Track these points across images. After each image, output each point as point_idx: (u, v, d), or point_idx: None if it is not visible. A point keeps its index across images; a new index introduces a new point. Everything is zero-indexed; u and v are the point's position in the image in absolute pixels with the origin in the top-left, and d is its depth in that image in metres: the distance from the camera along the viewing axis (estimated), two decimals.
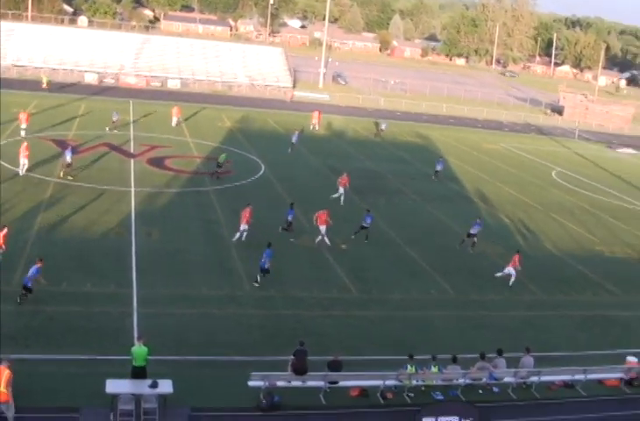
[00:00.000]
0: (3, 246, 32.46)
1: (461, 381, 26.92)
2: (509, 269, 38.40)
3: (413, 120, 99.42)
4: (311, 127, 79.08)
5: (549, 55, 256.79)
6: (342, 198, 50.26)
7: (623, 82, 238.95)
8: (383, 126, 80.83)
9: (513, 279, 38.27)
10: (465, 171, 67.18)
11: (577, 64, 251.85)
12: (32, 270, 29.59)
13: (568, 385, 28.63)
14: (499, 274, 38.69)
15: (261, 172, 56.93)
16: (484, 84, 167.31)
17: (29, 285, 29.51)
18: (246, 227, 39.78)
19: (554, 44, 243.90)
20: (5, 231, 32.71)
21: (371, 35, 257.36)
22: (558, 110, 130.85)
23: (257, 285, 34.28)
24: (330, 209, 42.78)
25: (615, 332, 34.77)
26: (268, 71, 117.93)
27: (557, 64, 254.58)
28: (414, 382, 26.36)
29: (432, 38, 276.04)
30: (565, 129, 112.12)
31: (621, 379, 29.39)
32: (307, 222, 43.55)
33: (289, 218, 42.42)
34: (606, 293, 39.76)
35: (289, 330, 30.09)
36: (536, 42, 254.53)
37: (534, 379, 27.87)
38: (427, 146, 79.65)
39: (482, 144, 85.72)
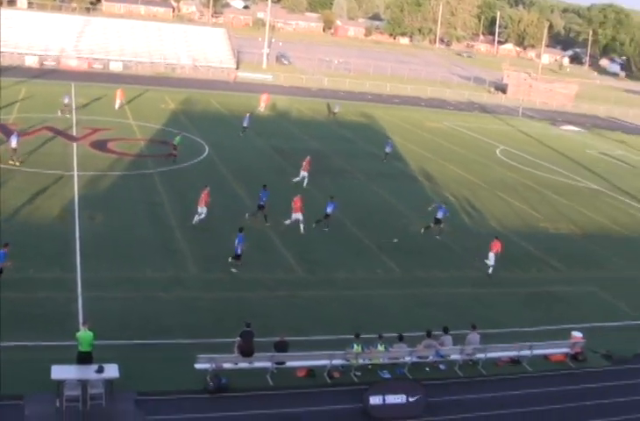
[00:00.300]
0: None
1: (408, 359, 26.96)
2: (491, 256, 38.01)
3: (357, 100, 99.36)
4: (259, 109, 78.50)
5: (492, 34, 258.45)
6: (305, 182, 50.13)
7: (566, 60, 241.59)
8: (336, 109, 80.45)
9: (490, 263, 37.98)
10: (409, 150, 67.34)
11: (520, 42, 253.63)
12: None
13: (514, 361, 28.84)
14: (489, 264, 37.95)
15: (205, 154, 56.51)
16: (428, 63, 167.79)
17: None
18: (205, 209, 39.56)
19: (497, 22, 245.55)
20: None
21: (314, 15, 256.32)
22: (502, 89, 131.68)
23: (235, 271, 34.17)
24: (290, 193, 42.51)
25: (559, 308, 35.12)
26: (211, 52, 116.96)
27: (500, 42, 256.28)
28: (361, 361, 26.35)
29: (376, 17, 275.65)
30: (509, 107, 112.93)
31: (566, 354, 29.69)
32: (252, 203, 43.29)
33: (262, 202, 41.79)
34: (550, 269, 40.14)
35: (235, 311, 29.87)
36: (480, 21, 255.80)
37: (480, 356, 28.01)
38: (371, 125, 79.69)
39: (426, 122, 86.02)
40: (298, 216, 40.30)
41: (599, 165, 73.47)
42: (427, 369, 27.33)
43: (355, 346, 26.24)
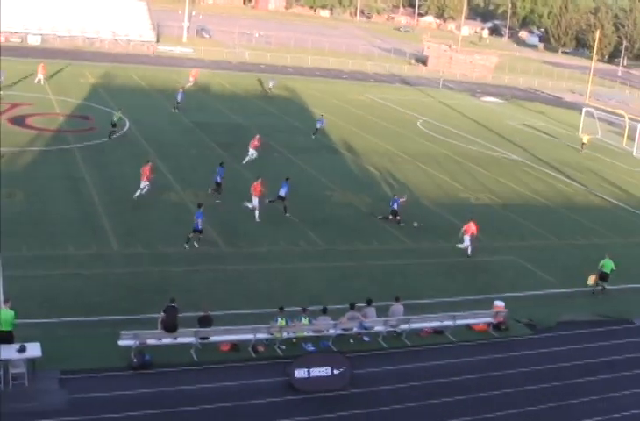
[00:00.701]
0: None
1: (332, 331, 26.97)
2: (466, 238, 38.05)
3: (279, 73, 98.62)
4: (188, 85, 77.31)
5: (412, 6, 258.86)
6: (247, 159, 49.86)
7: (486, 32, 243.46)
8: (271, 84, 79.34)
9: (470, 248, 38.06)
10: (331, 122, 67.08)
11: (440, 15, 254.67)
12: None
13: (437, 331, 29.07)
14: (460, 246, 37.94)
15: (126, 128, 55.60)
16: (349, 36, 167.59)
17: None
18: (147, 184, 39.33)
19: None
20: None
21: None
22: (423, 61, 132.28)
23: (187, 247, 34.02)
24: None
25: (482, 278, 35.54)
26: (131, 26, 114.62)
27: (420, 15, 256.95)
28: (285, 335, 26.26)
29: None
30: (430, 79, 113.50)
31: (489, 323, 30.02)
32: (173, 178, 42.91)
33: (219, 179, 41.79)
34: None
35: (158, 287, 29.56)
36: None
37: (404, 327, 28.17)
38: (293, 98, 79.30)
39: (348, 95, 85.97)
40: (255, 200, 39.15)
41: (518, 136, 74.35)
42: (351, 341, 27.38)
43: (279, 319, 26.16)
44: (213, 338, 25.49)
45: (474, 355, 27.83)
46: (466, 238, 37.93)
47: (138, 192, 39.39)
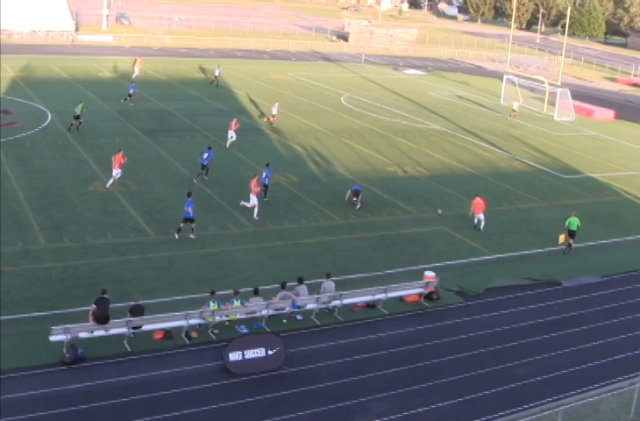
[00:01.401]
0: None
1: (264, 312, 27.05)
2: (478, 216, 39.05)
3: (200, 56, 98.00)
4: (134, 75, 76.09)
5: None
6: (229, 142, 50.92)
7: (405, 6, 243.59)
8: (217, 72, 77.66)
9: (483, 223, 39.00)
10: (254, 103, 67.03)
11: None
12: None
13: (370, 305, 29.34)
14: (480, 226, 39.12)
15: (48, 121, 54.75)
16: (269, 16, 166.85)
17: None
18: (119, 172, 39.75)
19: None
20: None
21: None
22: (344, 37, 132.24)
23: (177, 237, 34.15)
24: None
25: (411, 249, 35.88)
26: (49, 16, 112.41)
27: None
28: (217, 319, 26.27)
29: None
30: (352, 55, 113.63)
31: (420, 294, 30.38)
32: (99, 167, 42.56)
33: (205, 162, 42.86)
34: (400, 212, 40.87)
35: (88, 279, 29.36)
36: None
37: (336, 303, 28.34)
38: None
39: (271, 74, 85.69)
40: (253, 198, 38.26)
41: (442, 106, 74.90)
42: (284, 321, 27.48)
43: (211, 303, 26.13)
44: (145, 327, 25.36)
45: (407, 327, 28.17)
46: (480, 216, 39.05)
47: (110, 181, 39.87)
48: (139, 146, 48.53)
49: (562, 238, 37.11)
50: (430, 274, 30.98)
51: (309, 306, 28.01)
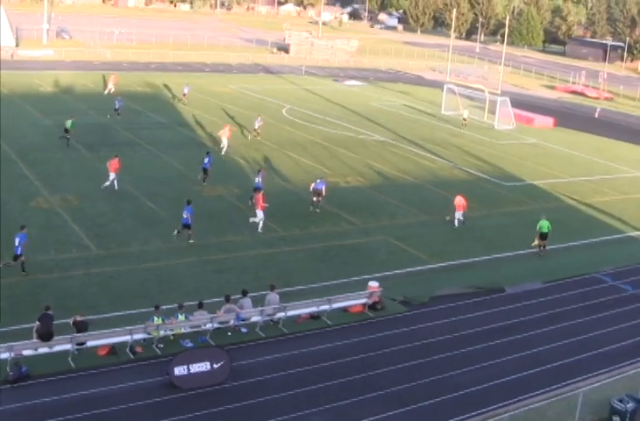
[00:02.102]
0: None
1: (209, 326, 26.98)
2: (459, 214, 41.48)
3: (141, 70, 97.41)
4: (106, 92, 75.30)
5: None
6: (224, 150, 52.97)
7: (346, 17, 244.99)
8: (186, 90, 76.18)
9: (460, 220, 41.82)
10: (197, 116, 66.84)
11: (300, 2, 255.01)
12: (18, 238, 31.20)
13: (314, 317, 29.40)
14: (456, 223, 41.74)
15: None
16: (210, 28, 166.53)
17: (19, 253, 31.11)
18: (115, 175, 42.63)
19: None
20: None
21: None
22: (285, 49, 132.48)
23: (174, 236, 35.48)
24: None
25: (355, 260, 36.00)
26: None
27: (280, 3, 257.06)
28: (162, 333, 26.15)
29: None
30: (293, 66, 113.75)
31: (364, 304, 30.51)
32: (40, 182, 42.26)
33: (207, 166, 45.27)
34: (343, 222, 41.02)
35: (31, 296, 29.04)
36: None
37: (280, 315, 28.36)
38: (157, 94, 78.33)
39: (212, 87, 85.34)
40: (260, 213, 38.69)
41: (383, 117, 75.35)
42: (229, 334, 27.42)
43: (155, 318, 26.01)
44: (90, 343, 25.15)
45: (351, 337, 28.26)
46: (458, 214, 41.70)
47: (107, 183, 42.45)
48: (80, 161, 48.13)
49: (535, 240, 38.59)
50: (373, 284, 31.19)
51: (254, 319, 28.01)
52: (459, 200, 41.87)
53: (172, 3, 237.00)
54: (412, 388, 24.81)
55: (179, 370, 23.89)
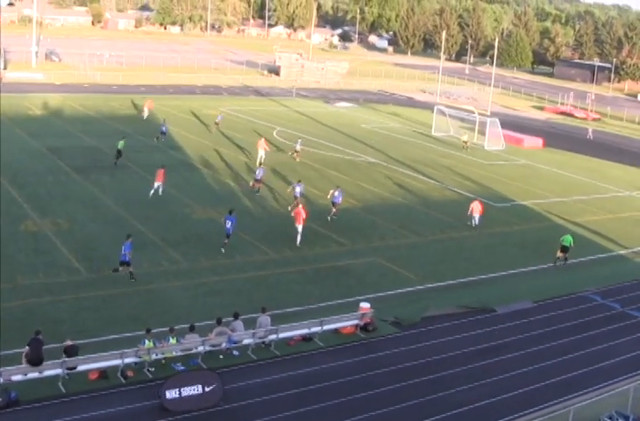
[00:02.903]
0: None
1: (201, 348, 26.95)
2: (475, 216, 46.16)
3: (131, 92, 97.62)
4: (145, 116, 77.26)
5: (262, 17, 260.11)
6: (258, 160, 57.20)
7: (336, 39, 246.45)
8: (219, 118, 75.24)
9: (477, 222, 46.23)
10: (187, 138, 67.04)
11: (290, 24, 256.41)
12: (125, 247, 33.41)
13: (306, 339, 29.40)
14: (473, 224, 46.38)
15: None
16: (200, 51, 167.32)
17: (127, 259, 33.22)
18: (160, 183, 46.58)
19: (267, 6, 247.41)
20: None
21: (83, 9, 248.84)
22: (275, 71, 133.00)
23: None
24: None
25: (346, 281, 36.06)
26: None
27: (271, 26, 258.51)
28: (153, 357, 26.08)
29: (146, 8, 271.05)
30: (283, 88, 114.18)
31: (356, 325, 30.55)
32: (29, 205, 42.28)
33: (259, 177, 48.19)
34: (334, 244, 41.09)
35: (20, 320, 28.81)
36: (250, 5, 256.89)
37: (272, 337, 28.35)
38: (148, 117, 78.27)
39: (202, 110, 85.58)
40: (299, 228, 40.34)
41: (373, 138, 75.56)
42: (221, 357, 27.37)
43: (147, 341, 25.97)
44: (80, 368, 25.06)
45: (343, 359, 28.27)
46: (476, 216, 46.12)
47: (152, 191, 45.97)
48: (70, 184, 48.14)
49: (559, 253, 40.76)
50: (365, 305, 31.24)
51: (246, 341, 27.98)
52: (477, 205, 46.33)
53: (162, 25, 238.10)
54: (406, 409, 24.85)
55: (170, 393, 23.84)
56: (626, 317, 34.66)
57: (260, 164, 54.84)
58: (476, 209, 46.26)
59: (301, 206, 41.29)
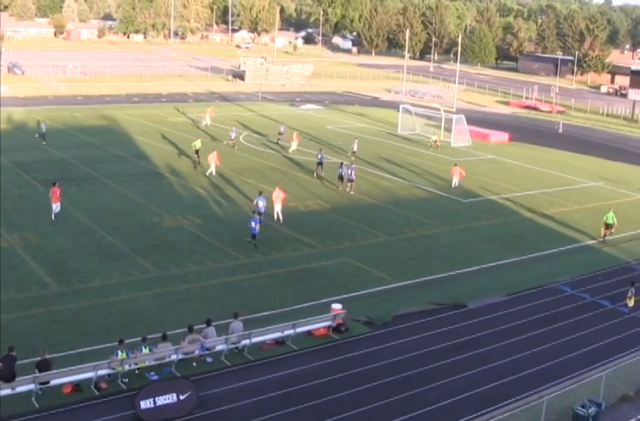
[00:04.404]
0: None
1: (174, 357, 26.93)
2: (455, 180, 55.55)
3: (96, 103, 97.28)
4: (204, 124, 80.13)
5: (226, 23, 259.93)
6: (291, 149, 65.48)
7: (300, 42, 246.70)
8: (233, 135, 72.86)
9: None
10: (153, 147, 66.81)
11: (254, 28, 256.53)
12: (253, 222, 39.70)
13: (279, 342, 29.44)
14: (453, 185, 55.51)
15: None
16: (164, 58, 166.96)
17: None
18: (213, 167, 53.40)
19: (230, 11, 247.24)
20: None
21: (44, 20, 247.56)
22: (240, 76, 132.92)
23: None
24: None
25: (318, 283, 36.16)
26: None
27: (234, 30, 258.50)
28: (127, 367, 26.03)
29: (108, 17, 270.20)
30: (249, 93, 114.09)
31: (329, 327, 30.63)
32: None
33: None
34: (304, 246, 41.12)
35: None
36: (212, 11, 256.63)
37: (245, 342, 28.38)
38: (113, 127, 78.12)
39: (168, 118, 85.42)
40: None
41: (340, 139, 75.59)
42: (194, 364, 27.35)
43: (119, 352, 25.92)
44: (54, 382, 24.96)
45: (318, 361, 28.35)
46: (455, 179, 55.86)
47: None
48: (37, 198, 47.79)
49: (602, 230, 44.72)
50: (337, 306, 31.38)
51: (219, 347, 28.00)
52: (456, 169, 56.15)
53: (125, 34, 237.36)
54: (381, 408, 24.96)
55: (145, 403, 23.79)
56: (596, 306, 35.00)
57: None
58: (456, 172, 56.14)
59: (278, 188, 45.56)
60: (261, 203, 43.76)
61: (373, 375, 27.22)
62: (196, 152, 59.75)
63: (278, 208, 44.84)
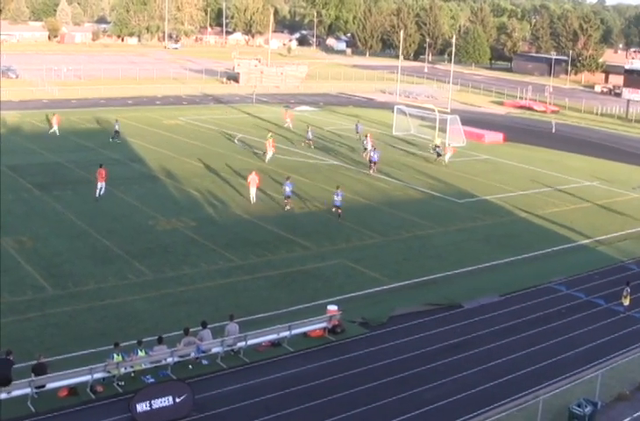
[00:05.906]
0: None
1: (170, 360, 26.94)
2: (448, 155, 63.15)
3: (91, 106, 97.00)
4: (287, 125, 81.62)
5: (220, 25, 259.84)
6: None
7: (294, 43, 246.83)
8: (310, 135, 73.95)
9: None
10: (148, 150, 66.71)
11: (248, 31, 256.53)
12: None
13: (275, 344, 29.48)
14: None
15: None
16: (159, 61, 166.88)
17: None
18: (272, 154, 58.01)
19: (224, 13, 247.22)
20: None
21: (38, 24, 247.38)
22: (235, 78, 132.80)
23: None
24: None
25: (313, 285, 36.21)
26: None
27: (228, 33, 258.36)
28: (123, 370, 26.03)
29: (102, 20, 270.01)
30: (243, 95, 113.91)
31: (324, 328, 30.67)
32: None
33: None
34: (299, 248, 41.15)
35: None
36: (207, 13, 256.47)
37: (241, 344, 28.39)
38: (108, 130, 77.96)
39: (163, 120, 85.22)
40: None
41: (336, 140, 75.56)
42: (190, 367, 27.39)
43: (115, 355, 25.93)
44: (49, 386, 24.95)
45: (314, 362, 28.41)
46: (448, 154, 63.86)
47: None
48: (32, 201, 47.82)
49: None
50: (332, 307, 31.37)
51: (215, 350, 28.01)
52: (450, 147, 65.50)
53: (119, 37, 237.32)
54: (377, 409, 25.04)
55: (141, 406, 23.83)
56: (591, 305, 35.10)
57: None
58: (449, 149, 65.02)
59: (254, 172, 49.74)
60: (288, 188, 47.98)
61: (370, 376, 27.28)
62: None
63: (253, 191, 49.35)
